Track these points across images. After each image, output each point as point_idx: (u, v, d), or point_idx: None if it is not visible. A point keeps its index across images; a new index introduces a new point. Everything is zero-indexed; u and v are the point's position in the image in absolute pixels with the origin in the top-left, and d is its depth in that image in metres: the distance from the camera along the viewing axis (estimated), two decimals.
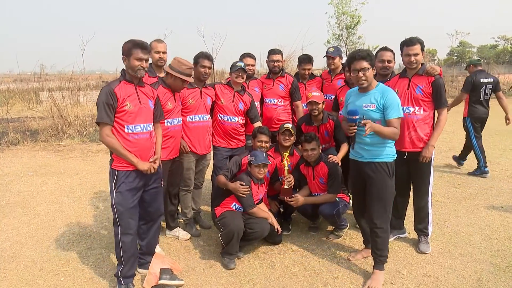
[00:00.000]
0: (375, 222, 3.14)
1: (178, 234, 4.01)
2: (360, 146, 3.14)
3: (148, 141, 3.00)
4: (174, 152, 3.63)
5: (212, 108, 4.15)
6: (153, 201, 3.17)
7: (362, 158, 3.17)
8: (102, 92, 2.83)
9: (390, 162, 3.12)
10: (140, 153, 2.95)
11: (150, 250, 3.34)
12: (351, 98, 3.26)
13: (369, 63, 3.00)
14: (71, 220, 4.55)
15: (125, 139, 2.88)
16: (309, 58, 4.80)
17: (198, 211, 4.38)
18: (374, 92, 3.08)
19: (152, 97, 3.12)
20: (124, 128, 2.88)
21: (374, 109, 3.05)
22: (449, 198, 5.08)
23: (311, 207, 3.94)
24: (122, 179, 2.90)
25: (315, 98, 4.00)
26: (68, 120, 10.20)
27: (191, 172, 3.99)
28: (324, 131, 4.20)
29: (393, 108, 3.00)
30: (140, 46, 2.88)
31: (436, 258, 3.52)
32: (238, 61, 4.10)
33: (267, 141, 3.90)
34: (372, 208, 3.15)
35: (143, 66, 2.90)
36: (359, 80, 3.04)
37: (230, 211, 3.59)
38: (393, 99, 3.03)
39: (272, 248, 3.78)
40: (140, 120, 2.95)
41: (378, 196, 3.11)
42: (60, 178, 6.41)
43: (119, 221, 2.95)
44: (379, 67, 3.90)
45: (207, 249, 3.80)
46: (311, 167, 3.92)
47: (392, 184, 3.15)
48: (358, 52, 3.05)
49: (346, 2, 20.31)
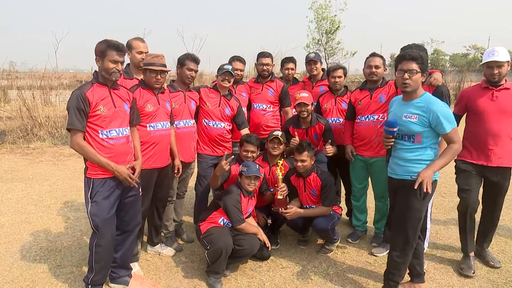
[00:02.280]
0: (393, 246, 2.90)
1: (161, 251, 3.70)
2: (394, 161, 2.87)
3: (124, 146, 2.84)
4: (159, 161, 3.29)
5: (197, 113, 3.87)
6: (130, 209, 2.98)
7: (395, 174, 2.87)
8: (72, 96, 2.65)
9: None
10: (117, 159, 2.76)
11: (125, 263, 3.10)
12: (393, 107, 2.96)
13: (419, 66, 2.66)
14: (39, 233, 4.16)
15: (99, 145, 2.71)
16: (291, 58, 4.67)
17: (180, 223, 4.08)
18: (418, 101, 2.74)
19: (128, 100, 2.93)
20: (98, 133, 2.72)
21: (415, 120, 2.70)
22: (437, 208, 4.97)
23: (302, 220, 3.71)
24: (98, 187, 2.73)
25: (304, 100, 3.79)
26: (39, 121, 9.63)
27: (174, 182, 3.70)
28: (313, 133, 4.00)
29: (446, 118, 2.63)
30: (116, 47, 2.70)
31: (432, 274, 3.37)
32: (226, 64, 3.84)
33: (254, 151, 3.66)
34: (394, 233, 2.88)
35: (118, 69, 2.74)
36: (402, 82, 2.70)
37: (217, 226, 3.31)
38: (442, 109, 2.65)
39: (261, 264, 3.53)
40: (115, 124, 2.77)
41: (400, 218, 2.78)
42: (28, 184, 5.94)
43: (95, 231, 2.79)
44: (367, 73, 3.77)
45: (190, 266, 3.51)
46: (303, 178, 3.70)
47: (419, 207, 2.73)
48: (408, 51, 2.72)
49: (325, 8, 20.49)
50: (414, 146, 2.74)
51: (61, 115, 10.15)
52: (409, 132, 2.72)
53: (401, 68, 2.70)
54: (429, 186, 2.59)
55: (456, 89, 20.38)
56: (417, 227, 2.80)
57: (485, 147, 3.27)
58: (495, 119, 3.22)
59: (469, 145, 3.36)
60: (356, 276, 3.35)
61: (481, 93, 3.30)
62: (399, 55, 2.80)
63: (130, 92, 3.02)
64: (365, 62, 3.84)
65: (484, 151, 3.28)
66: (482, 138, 3.28)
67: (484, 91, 3.29)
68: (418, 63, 2.66)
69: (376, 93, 3.72)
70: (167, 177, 3.49)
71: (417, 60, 2.66)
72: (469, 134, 3.39)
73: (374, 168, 3.79)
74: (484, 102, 3.26)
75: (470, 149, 3.36)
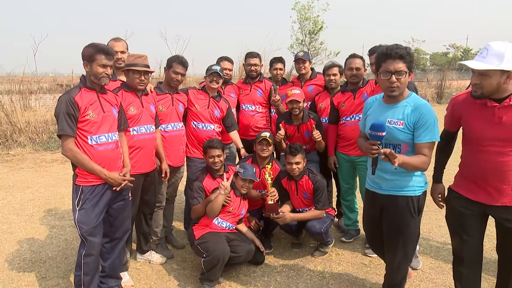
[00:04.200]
0: (391, 267, 2.68)
1: (151, 258, 3.57)
2: (378, 175, 2.47)
3: (114, 151, 2.76)
4: (145, 166, 3.18)
5: (185, 116, 3.77)
6: (119, 215, 2.89)
7: (381, 189, 2.54)
8: (61, 101, 2.57)
9: (416, 196, 2.46)
10: (107, 165, 2.69)
11: (114, 272, 2.98)
12: (372, 108, 2.59)
13: (407, 65, 2.32)
14: (22, 243, 3.98)
15: (89, 151, 2.62)
16: (280, 58, 4.61)
17: (170, 229, 3.97)
18: (404, 104, 2.40)
19: (116, 105, 2.86)
20: (87, 139, 2.63)
21: (401, 127, 2.36)
22: (428, 207, 4.91)
23: (295, 223, 3.64)
24: (87, 195, 2.65)
25: (296, 97, 3.74)
26: (18, 127, 9.31)
27: (163, 187, 3.59)
28: (304, 130, 3.95)
29: (428, 128, 2.32)
30: (104, 51, 2.63)
31: (428, 274, 3.35)
32: (214, 65, 3.75)
33: (220, 154, 3.46)
34: (390, 253, 2.61)
35: (107, 73, 2.67)
36: (390, 86, 2.35)
37: (212, 233, 3.21)
38: (429, 116, 2.33)
39: (255, 269, 3.45)
40: (104, 129, 2.69)
41: (396, 238, 2.52)
42: (9, 192, 5.72)
43: (83, 239, 2.67)
44: (348, 75, 3.75)
45: (182, 274, 3.40)
46: (294, 181, 3.62)
47: (416, 223, 2.50)
48: (394, 48, 2.31)
49: (308, 8, 20.62)
50: None
51: (42, 120, 9.85)
52: (395, 140, 2.41)
53: (387, 69, 2.32)
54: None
55: (438, 87, 20.78)
56: (417, 242, 2.66)
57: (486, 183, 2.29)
58: (498, 149, 2.19)
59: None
60: (353, 278, 3.30)
61: (478, 111, 2.25)
62: (382, 53, 2.36)
63: (117, 96, 2.93)
64: (345, 64, 3.82)
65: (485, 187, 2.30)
66: (480, 171, 2.31)
67: (483, 108, 2.23)
68: (406, 62, 2.31)
69: (358, 93, 3.70)
70: (154, 182, 3.37)
71: (405, 59, 2.31)
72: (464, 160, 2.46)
73: (361, 167, 3.76)
74: (483, 124, 2.24)
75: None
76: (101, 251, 2.82)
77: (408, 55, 2.32)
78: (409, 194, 2.45)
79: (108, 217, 2.84)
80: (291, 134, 3.97)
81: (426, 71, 29.30)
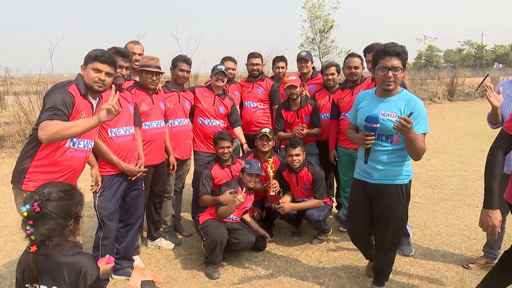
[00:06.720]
0: (379, 253, 2.89)
1: (161, 245, 3.87)
2: (369, 165, 2.66)
3: (131, 143, 3.07)
4: (155, 158, 3.48)
5: (192, 112, 4.05)
6: (133, 203, 3.22)
7: (372, 179, 2.70)
8: None
9: (405, 184, 2.67)
10: (125, 156, 3.00)
11: (127, 254, 3.31)
12: (364, 102, 2.76)
13: (402, 62, 2.51)
14: None
15: (109, 143, 2.94)
16: (282, 57, 4.87)
17: (179, 219, 4.25)
18: (397, 99, 2.59)
19: (132, 102, 3.20)
20: (107, 131, 2.93)
21: (394, 119, 2.46)
22: (427, 199, 5.16)
23: (295, 213, 3.88)
24: (107, 183, 2.96)
25: (293, 82, 4.03)
26: None
27: (171, 178, 3.87)
28: (303, 115, 4.21)
29: (421, 121, 2.52)
30: (121, 54, 2.98)
31: (419, 260, 3.54)
32: (219, 64, 4.02)
33: (229, 146, 3.79)
34: (380, 238, 2.80)
35: (122, 73, 3.01)
36: (386, 81, 2.53)
37: (213, 219, 3.49)
38: (422, 109, 2.54)
39: (256, 255, 3.70)
40: (122, 123, 3.02)
41: (386, 225, 2.70)
42: None
43: (101, 223, 2.99)
44: (347, 74, 3.98)
45: (189, 258, 3.67)
46: (295, 173, 3.86)
47: (404, 210, 2.70)
48: (392, 46, 2.49)
49: (319, 7, 20.69)
50: (392, 147, 2.61)
51: None
52: (387, 131, 2.56)
53: (384, 65, 2.50)
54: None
55: (449, 85, 20.56)
56: (404, 227, 2.86)
57: None
58: None
59: None
60: (347, 263, 3.52)
61: None
62: (380, 49, 2.54)
63: (133, 95, 3.25)
64: (344, 62, 4.05)
65: None
66: None
67: None
68: (401, 59, 2.50)
69: (356, 90, 3.91)
70: (163, 174, 3.66)
71: (401, 56, 2.49)
72: None
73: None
74: None
75: None
76: (116, 235, 3.14)
77: (403, 53, 2.51)
78: (399, 182, 2.65)
79: (124, 204, 3.18)
80: (291, 121, 4.22)
81: (440, 68, 28.98)
